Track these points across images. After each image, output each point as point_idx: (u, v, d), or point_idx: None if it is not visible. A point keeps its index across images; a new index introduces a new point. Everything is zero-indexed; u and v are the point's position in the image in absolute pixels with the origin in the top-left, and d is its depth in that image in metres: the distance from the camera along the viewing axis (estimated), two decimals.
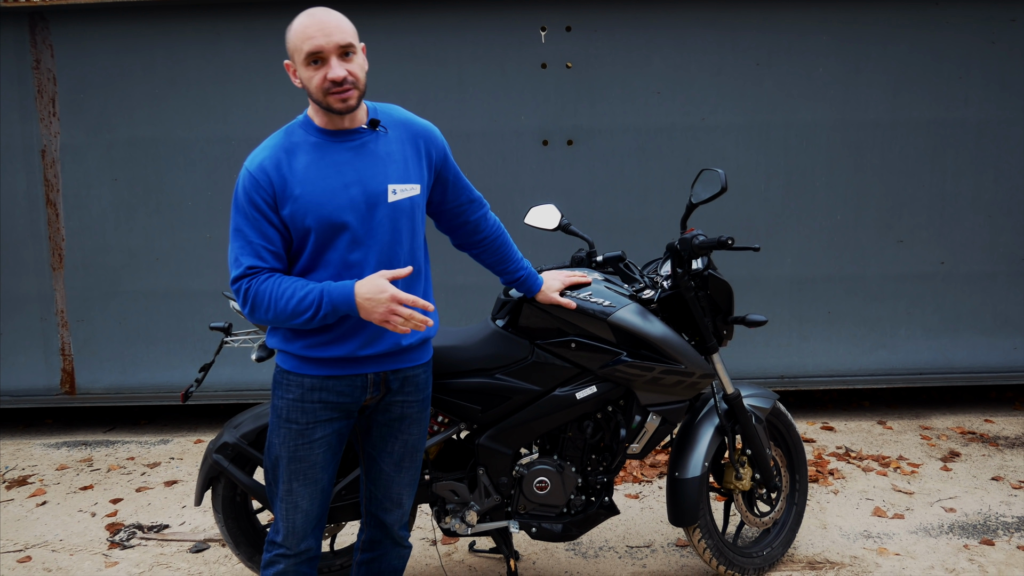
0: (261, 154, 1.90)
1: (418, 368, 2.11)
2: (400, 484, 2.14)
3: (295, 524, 2.02)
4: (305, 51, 1.83)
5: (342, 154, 1.92)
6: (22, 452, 4.42)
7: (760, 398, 2.87)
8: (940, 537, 3.20)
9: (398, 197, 1.95)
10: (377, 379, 2.02)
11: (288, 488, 2.00)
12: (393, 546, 2.20)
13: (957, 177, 4.53)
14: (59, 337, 4.65)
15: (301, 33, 1.84)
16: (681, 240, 2.58)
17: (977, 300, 4.63)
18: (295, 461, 1.98)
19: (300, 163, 1.89)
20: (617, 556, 3.11)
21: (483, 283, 4.58)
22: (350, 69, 1.85)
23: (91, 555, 3.21)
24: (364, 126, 1.96)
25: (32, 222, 4.56)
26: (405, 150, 2.00)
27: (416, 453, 2.15)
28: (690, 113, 4.47)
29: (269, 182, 1.86)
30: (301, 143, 1.92)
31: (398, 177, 1.96)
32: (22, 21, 4.42)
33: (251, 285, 1.87)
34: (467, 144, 4.48)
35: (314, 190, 1.87)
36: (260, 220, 1.87)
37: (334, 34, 1.84)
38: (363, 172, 1.92)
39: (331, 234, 1.89)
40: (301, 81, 1.89)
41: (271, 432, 2.03)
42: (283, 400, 2.00)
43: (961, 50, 4.43)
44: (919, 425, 4.50)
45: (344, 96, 1.84)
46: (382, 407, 2.08)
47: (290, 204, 1.87)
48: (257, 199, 1.86)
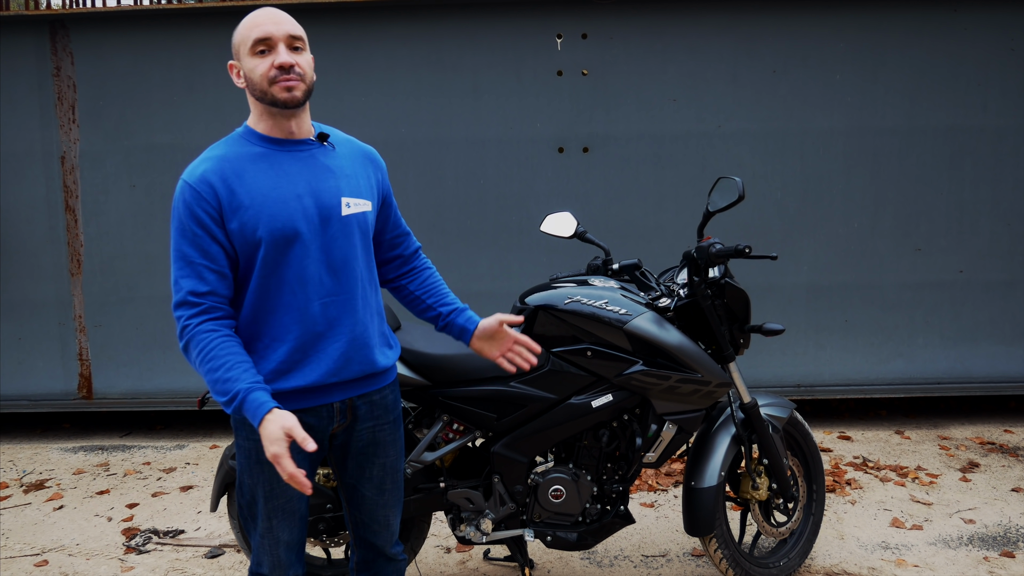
0: (202, 165, 1.76)
1: (385, 389, 2.01)
2: (385, 507, 2.07)
3: (279, 557, 1.96)
4: (253, 37, 1.74)
5: (292, 163, 1.81)
6: (40, 456, 4.45)
7: (777, 407, 2.85)
8: (959, 549, 3.17)
9: (351, 211, 1.85)
10: (343, 407, 1.92)
11: (268, 526, 1.92)
12: (387, 563, 2.14)
13: (975, 185, 4.50)
14: (77, 342, 4.68)
15: (250, 24, 1.77)
16: (698, 248, 2.57)
17: (996, 309, 4.59)
18: (273, 499, 1.90)
19: (248, 174, 1.77)
20: (632, 565, 3.09)
21: (497, 290, 4.59)
22: (297, 60, 1.76)
23: (107, 560, 3.22)
24: (312, 139, 1.87)
25: (51, 228, 4.60)
26: (355, 166, 1.92)
27: (396, 473, 2.07)
28: (706, 120, 4.46)
29: (213, 194, 1.73)
30: (245, 154, 1.79)
31: (350, 191, 1.86)
32: (43, 29, 4.47)
33: (189, 324, 1.74)
34: (482, 151, 4.50)
35: (265, 200, 1.75)
36: (202, 237, 1.73)
37: (284, 23, 1.76)
38: (315, 183, 1.81)
39: (283, 246, 1.76)
40: (244, 76, 1.79)
41: (241, 472, 1.92)
42: (250, 441, 1.86)
43: (979, 57, 4.40)
44: (937, 435, 4.46)
45: (290, 84, 1.74)
46: (354, 436, 1.98)
47: (238, 216, 1.74)
48: (200, 213, 1.72)
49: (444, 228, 4.55)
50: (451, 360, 2.51)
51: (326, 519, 2.58)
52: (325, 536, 2.60)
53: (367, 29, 4.37)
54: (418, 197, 4.51)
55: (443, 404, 2.53)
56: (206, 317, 1.74)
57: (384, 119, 4.48)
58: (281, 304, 1.80)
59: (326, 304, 1.83)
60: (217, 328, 1.74)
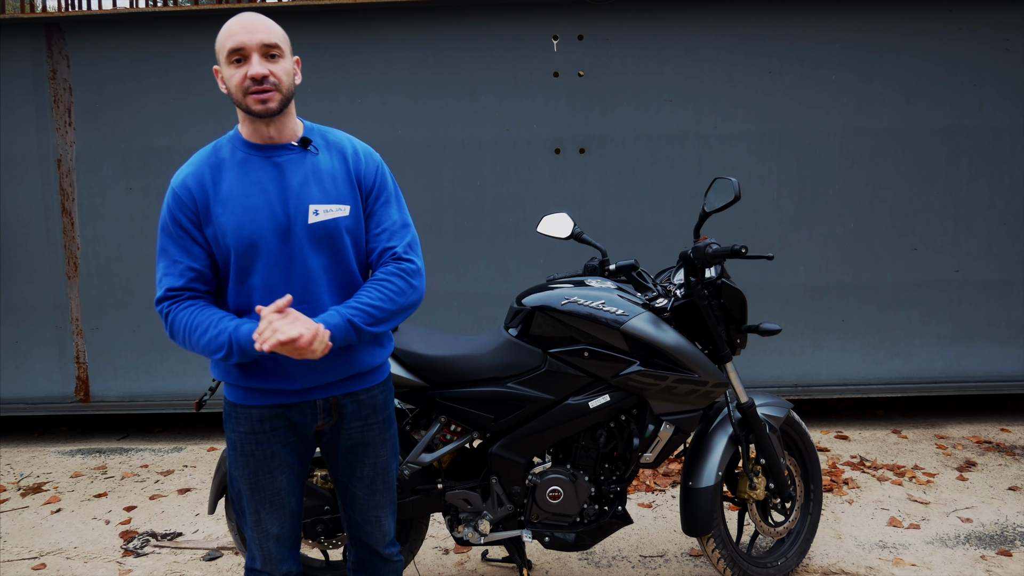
0: (185, 171, 1.84)
1: (373, 389, 2.01)
2: (377, 507, 2.08)
3: (270, 552, 1.98)
4: (228, 47, 1.75)
5: (266, 170, 1.83)
6: (37, 459, 4.45)
7: (774, 407, 2.85)
8: (957, 548, 3.17)
9: (319, 219, 1.85)
10: (327, 404, 1.94)
11: (256, 518, 1.95)
12: (383, 563, 2.15)
13: (971, 184, 4.51)
14: (74, 345, 4.68)
15: (226, 32, 1.77)
16: (694, 249, 2.57)
17: (992, 308, 4.60)
18: (258, 490, 1.93)
19: (224, 181, 1.81)
20: (630, 566, 3.10)
21: (494, 291, 4.59)
22: (272, 69, 1.77)
23: (105, 563, 3.22)
24: (294, 143, 1.88)
25: (48, 231, 4.60)
26: (335, 170, 1.90)
27: (388, 474, 2.08)
28: (702, 121, 4.47)
29: (192, 199, 1.80)
30: (227, 159, 1.84)
31: (323, 197, 1.86)
32: (39, 32, 4.47)
33: (171, 310, 1.80)
34: (479, 152, 4.50)
35: (235, 210, 1.79)
36: (184, 238, 1.81)
37: (258, 32, 1.76)
38: (285, 191, 1.83)
39: (250, 255, 1.80)
40: (225, 84, 1.81)
41: (230, 465, 1.97)
42: (236, 433, 1.93)
43: (975, 57, 4.42)
44: (934, 434, 4.46)
45: (263, 97, 1.76)
46: (342, 434, 1.99)
47: (212, 223, 1.80)
48: (180, 216, 1.80)
49: (441, 229, 4.56)
50: (448, 361, 2.51)
51: (324, 521, 2.57)
52: (323, 538, 2.60)
53: (364, 31, 4.37)
54: (415, 198, 4.51)
55: (440, 405, 2.53)
56: (185, 302, 1.82)
57: (381, 121, 4.48)
58: (252, 310, 1.85)
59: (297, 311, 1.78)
60: (195, 303, 1.82)
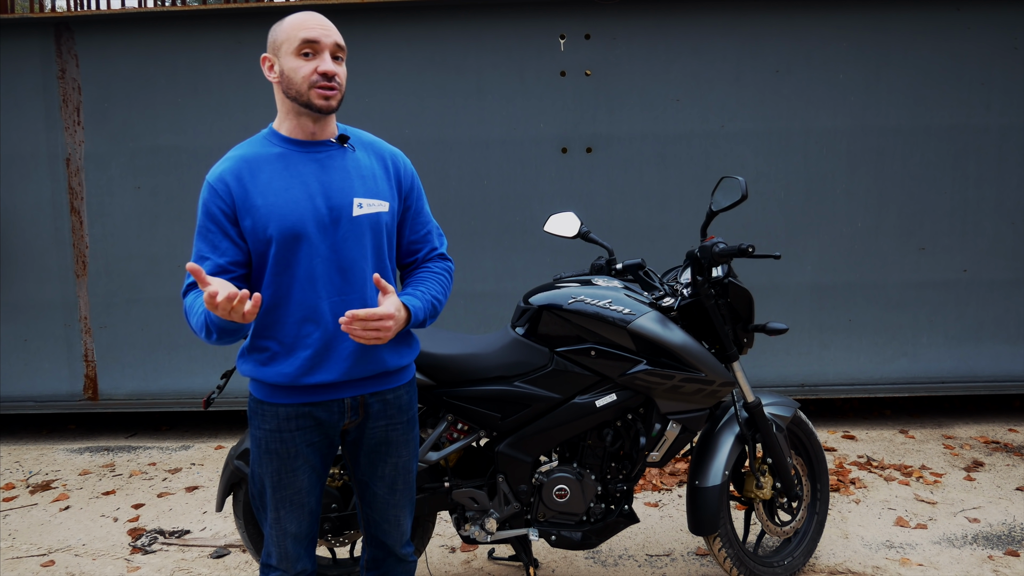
0: (222, 165, 1.86)
1: (399, 389, 2.03)
2: (397, 506, 2.10)
3: (287, 549, 2.00)
4: (300, 38, 1.78)
5: (307, 165, 1.87)
6: (46, 457, 4.47)
7: (781, 406, 2.85)
8: (964, 548, 3.16)
9: (363, 211, 1.89)
10: (355, 403, 1.96)
11: (276, 516, 1.97)
12: (397, 563, 2.17)
13: (979, 183, 4.49)
14: (82, 343, 4.70)
15: (298, 23, 1.80)
16: (701, 248, 2.57)
17: (1000, 308, 4.58)
18: (280, 489, 1.94)
19: (263, 174, 1.84)
20: (637, 565, 3.10)
21: (501, 290, 4.60)
22: (338, 71, 1.83)
23: (113, 560, 3.23)
24: (332, 140, 1.92)
25: (57, 229, 4.62)
26: (374, 168, 1.95)
27: (408, 474, 2.10)
28: (709, 120, 4.46)
29: (228, 193, 1.82)
30: (265, 154, 1.87)
31: (365, 192, 1.90)
32: (48, 31, 4.49)
33: (185, 300, 1.86)
34: (486, 152, 4.50)
35: (277, 200, 1.82)
36: (215, 232, 1.83)
37: (332, 32, 1.82)
38: (328, 184, 1.87)
39: (292, 245, 1.83)
40: (282, 74, 1.82)
41: (253, 461, 1.99)
42: (261, 430, 1.94)
43: (983, 55, 4.40)
44: (941, 434, 4.45)
45: (329, 94, 1.81)
46: (367, 433, 2.01)
47: (252, 215, 1.82)
48: (215, 210, 1.82)
49: (448, 228, 4.56)
50: (456, 360, 2.51)
51: (331, 519, 2.58)
52: (330, 536, 2.61)
53: (371, 30, 4.38)
54: None
55: (448, 404, 2.54)
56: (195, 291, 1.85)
57: (388, 120, 4.49)
58: (293, 300, 1.86)
59: (335, 303, 1.87)
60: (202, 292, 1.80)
